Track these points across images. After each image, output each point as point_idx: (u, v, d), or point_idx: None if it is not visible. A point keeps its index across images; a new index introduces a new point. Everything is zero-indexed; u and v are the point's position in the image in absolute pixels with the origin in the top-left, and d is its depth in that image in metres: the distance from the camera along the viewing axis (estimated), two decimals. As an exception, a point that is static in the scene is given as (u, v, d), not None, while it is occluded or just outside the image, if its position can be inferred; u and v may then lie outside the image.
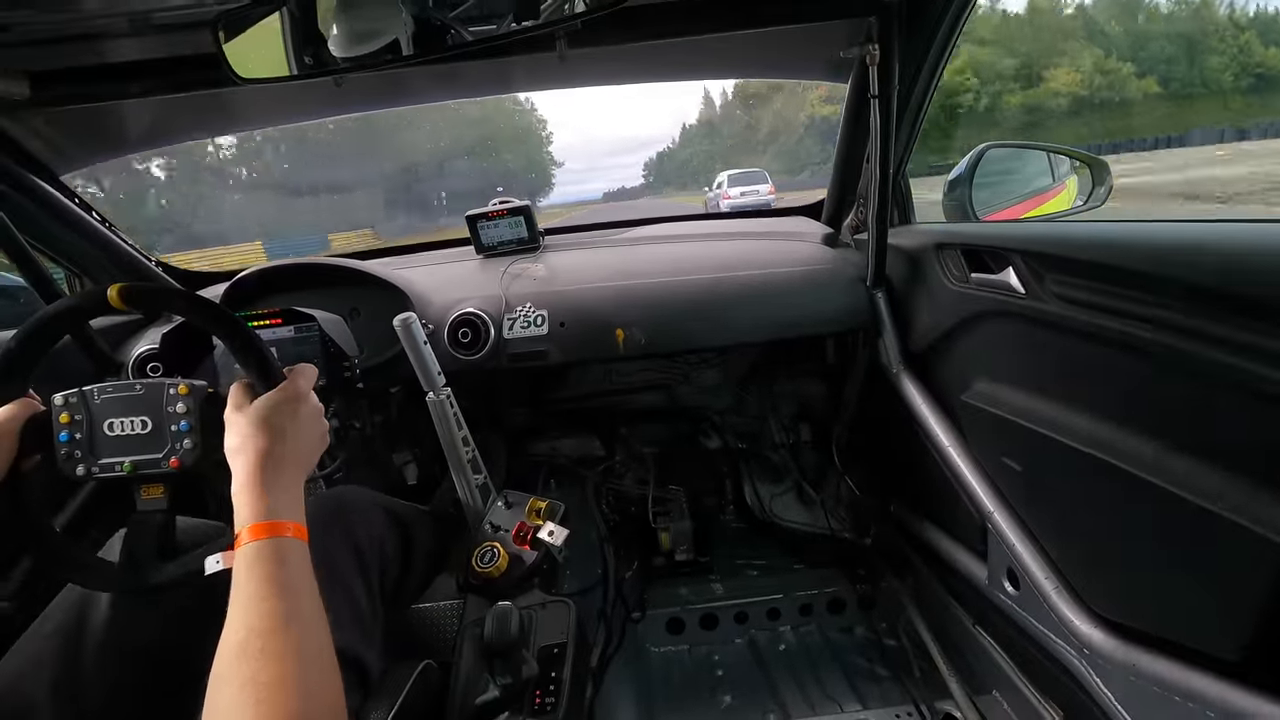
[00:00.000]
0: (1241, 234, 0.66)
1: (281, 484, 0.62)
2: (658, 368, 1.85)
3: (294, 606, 0.54)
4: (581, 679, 1.02)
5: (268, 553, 0.56)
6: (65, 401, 0.72)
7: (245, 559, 0.56)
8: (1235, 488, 0.65)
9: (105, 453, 0.72)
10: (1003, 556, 1.02)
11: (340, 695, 0.53)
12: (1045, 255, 0.88)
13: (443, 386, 1.11)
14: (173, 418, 0.72)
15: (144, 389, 0.73)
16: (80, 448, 0.72)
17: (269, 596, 0.54)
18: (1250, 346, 0.61)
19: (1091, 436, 0.82)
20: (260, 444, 0.63)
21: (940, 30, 1.04)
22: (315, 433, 0.70)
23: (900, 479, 1.41)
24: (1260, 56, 14.57)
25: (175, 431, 0.72)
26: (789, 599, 1.46)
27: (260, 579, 0.54)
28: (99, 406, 0.72)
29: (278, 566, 0.56)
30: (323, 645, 0.54)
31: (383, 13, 0.81)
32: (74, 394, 0.72)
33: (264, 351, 0.70)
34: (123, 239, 1.52)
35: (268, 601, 0.53)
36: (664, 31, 1.06)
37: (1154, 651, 0.76)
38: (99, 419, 0.72)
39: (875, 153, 1.18)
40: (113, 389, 0.73)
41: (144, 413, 0.72)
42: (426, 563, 1.07)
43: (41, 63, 1.04)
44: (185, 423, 0.72)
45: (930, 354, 1.24)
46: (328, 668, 0.54)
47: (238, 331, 0.70)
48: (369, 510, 0.97)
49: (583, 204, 39.48)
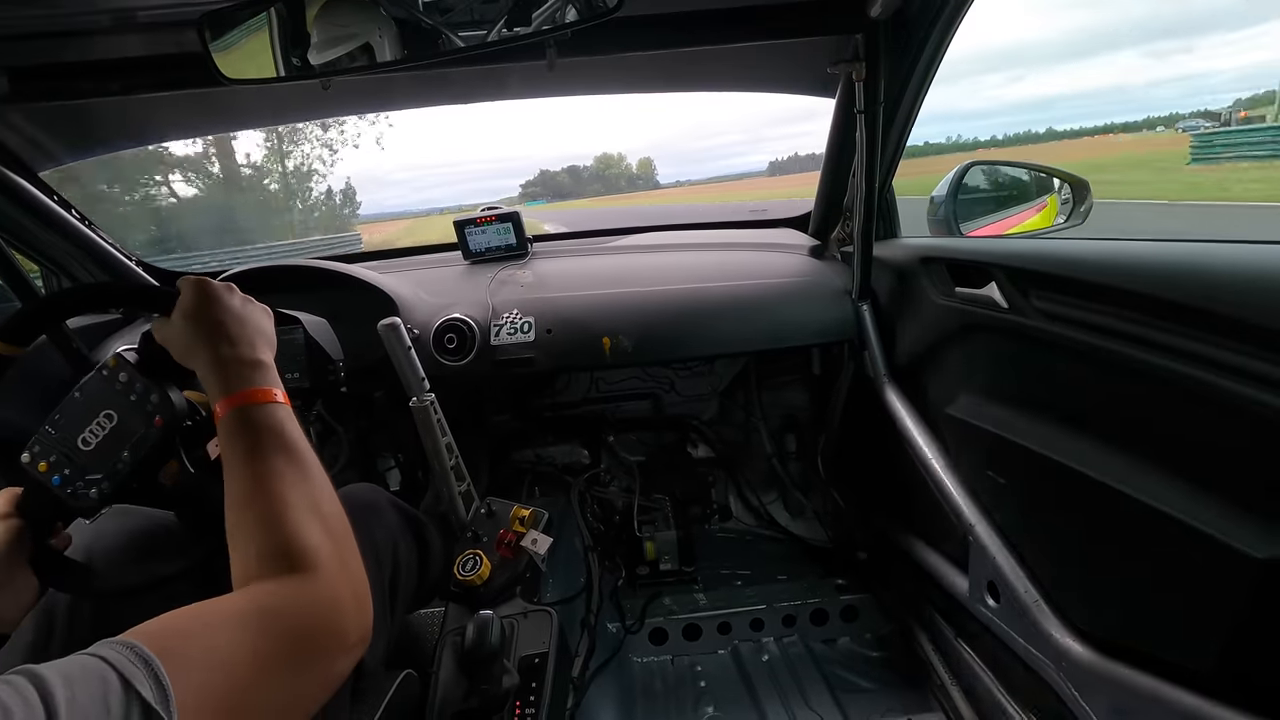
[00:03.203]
0: (1221, 254, 0.68)
1: (241, 359, 0.61)
2: (644, 376, 1.85)
3: (281, 456, 0.55)
4: (563, 689, 1.01)
5: (243, 419, 0.56)
6: (32, 455, 0.69)
7: (224, 431, 0.56)
8: (1207, 502, 0.66)
9: (98, 466, 0.69)
10: (984, 569, 1.02)
11: (347, 527, 0.54)
12: (1028, 271, 0.89)
13: (427, 392, 1.10)
14: (126, 390, 0.69)
15: (81, 393, 0.70)
16: (75, 480, 0.69)
17: (254, 454, 0.54)
18: (1226, 364, 0.62)
19: (1072, 450, 0.83)
20: (199, 335, 0.62)
21: (926, 47, 1.06)
22: (243, 303, 0.67)
23: (884, 490, 1.42)
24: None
25: (136, 400, 0.69)
26: (772, 609, 1.46)
27: (242, 443, 0.55)
28: (62, 433, 0.69)
29: (256, 427, 0.56)
30: (321, 484, 0.55)
31: (370, 17, 0.80)
32: (33, 444, 0.69)
33: (144, 287, 0.67)
34: (102, 237, 1.49)
35: (252, 458, 0.54)
36: (653, 43, 1.07)
37: (1131, 665, 0.77)
38: (70, 443, 0.69)
39: (861, 167, 1.20)
40: (59, 413, 0.70)
41: (101, 408, 0.69)
42: (439, 567, 1.05)
43: (20, 58, 1.02)
44: (139, 385, 0.69)
45: (915, 367, 1.25)
46: (328, 505, 0.54)
47: (113, 293, 0.67)
48: (385, 510, 0.94)
49: (745, 176, 38.03)
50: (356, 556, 0.53)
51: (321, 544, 0.49)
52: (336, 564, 0.50)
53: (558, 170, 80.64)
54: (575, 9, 0.82)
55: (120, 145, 1.45)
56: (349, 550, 0.52)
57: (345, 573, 0.50)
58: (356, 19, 0.81)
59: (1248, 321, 0.59)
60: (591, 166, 73.44)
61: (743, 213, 2.10)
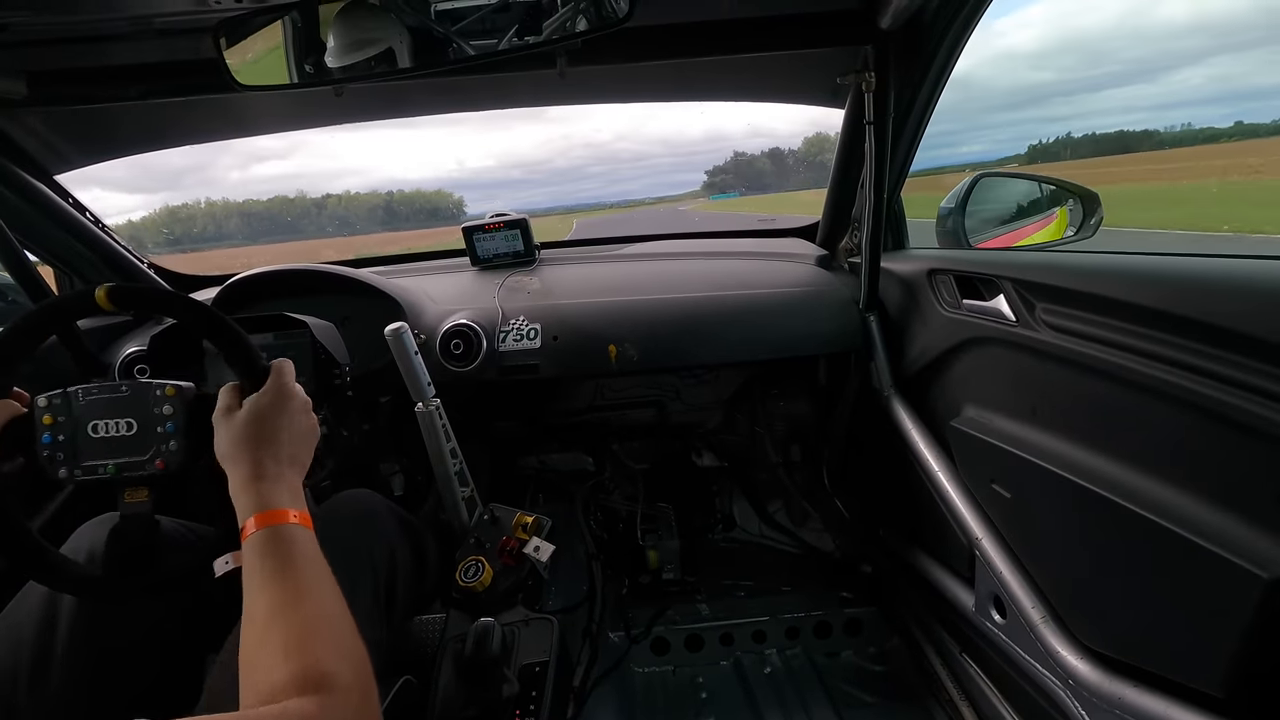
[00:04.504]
0: (1233, 270, 0.67)
1: (282, 481, 0.62)
2: (649, 384, 1.84)
3: (310, 579, 0.56)
4: (563, 698, 1.00)
5: (276, 538, 0.58)
6: (49, 403, 0.71)
7: (254, 547, 0.57)
8: (1219, 520, 0.65)
9: (89, 455, 0.71)
10: (990, 584, 1.01)
11: (364, 652, 0.55)
12: (1036, 284, 0.89)
13: (432, 398, 1.10)
14: (159, 419, 0.71)
15: (129, 390, 0.71)
16: (63, 450, 0.71)
17: (285, 574, 0.55)
18: (1237, 381, 0.61)
19: (1080, 465, 0.82)
20: (254, 446, 0.63)
21: (936, 59, 1.06)
22: (306, 427, 0.69)
23: (889, 503, 1.41)
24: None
25: (161, 433, 0.71)
26: (775, 621, 1.45)
27: (273, 562, 0.56)
28: (83, 408, 0.71)
29: (289, 547, 0.57)
30: (343, 611, 0.56)
31: (383, 25, 0.81)
32: (57, 395, 0.71)
33: (250, 349, 0.69)
34: (115, 239, 1.51)
35: (283, 578, 0.55)
36: (662, 53, 1.08)
37: (1140, 685, 0.76)
38: (83, 421, 0.71)
39: (870, 178, 1.20)
40: (97, 390, 0.71)
41: (129, 414, 0.71)
42: (436, 574, 1.05)
43: (39, 63, 1.04)
44: (172, 424, 0.71)
45: (921, 378, 1.24)
46: (349, 631, 0.56)
47: (224, 330, 0.69)
48: (384, 516, 0.95)
49: (960, 167, 30.08)
50: (370, 673, 0.55)
51: (344, 667, 0.52)
52: (356, 685, 0.52)
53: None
54: (586, 19, 0.82)
55: (135, 150, 1.47)
56: (365, 670, 0.54)
57: (362, 692, 0.53)
58: (372, 27, 0.82)
59: (1260, 338, 0.59)
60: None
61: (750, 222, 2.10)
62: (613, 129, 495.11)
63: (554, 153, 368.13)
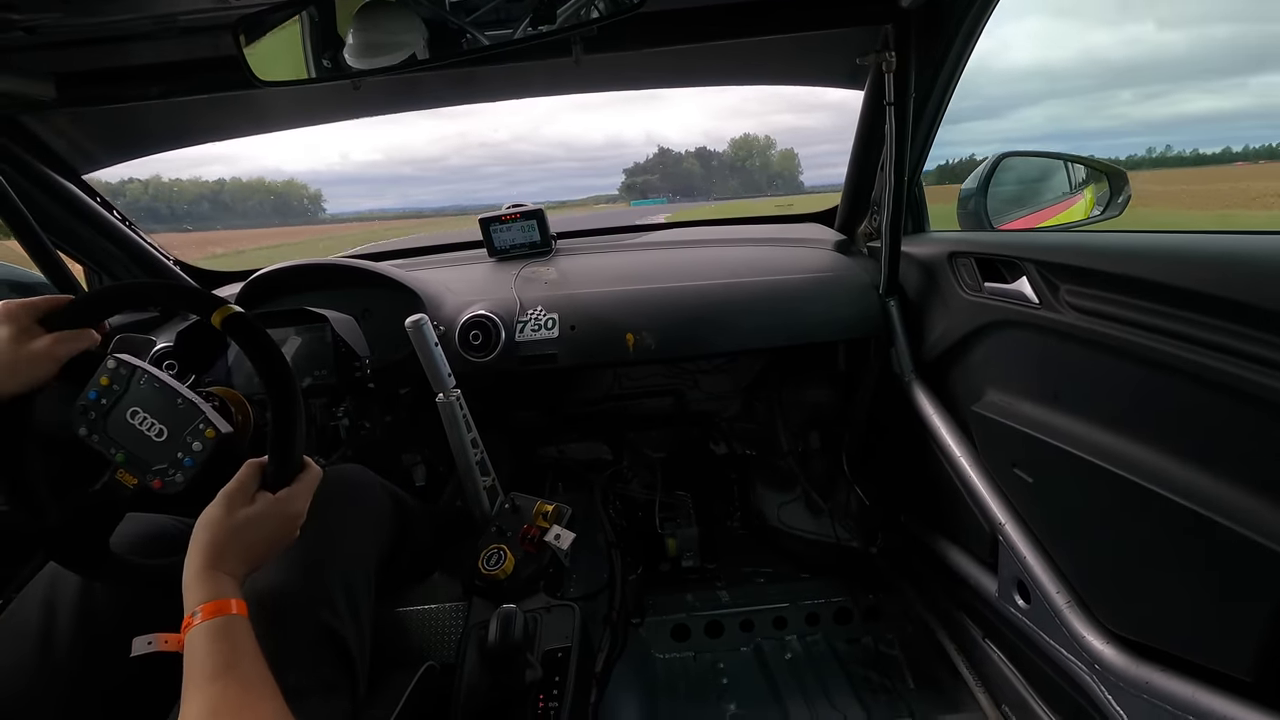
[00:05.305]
0: (1263, 246, 0.65)
1: (238, 577, 0.63)
2: (667, 373, 1.84)
3: (245, 680, 0.57)
4: (585, 684, 1.01)
5: (222, 631, 0.59)
6: (116, 365, 0.71)
7: (201, 636, 0.58)
8: (1248, 504, 0.64)
9: (111, 429, 0.71)
10: (1013, 569, 1.00)
11: None
12: (1060, 265, 0.87)
13: (453, 388, 1.11)
14: (185, 447, 0.70)
15: (184, 404, 0.71)
16: (95, 410, 0.71)
17: (228, 675, 0.56)
18: (1267, 360, 0.60)
19: (1104, 449, 0.81)
20: (238, 546, 0.64)
21: (957, 37, 1.04)
22: (286, 538, 0.69)
23: (910, 488, 1.40)
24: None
25: (178, 459, 0.70)
26: (795, 608, 1.45)
27: (215, 660, 0.57)
28: (138, 391, 0.71)
29: (232, 644, 0.58)
30: (279, 708, 0.57)
31: (400, 18, 0.81)
32: (126, 366, 0.72)
33: (297, 442, 0.68)
34: (142, 238, 1.54)
35: (226, 679, 0.56)
36: (678, 37, 1.07)
37: (1167, 669, 0.75)
38: (128, 401, 0.71)
39: (890, 160, 1.18)
40: (160, 384, 0.72)
41: (168, 423, 0.71)
42: (415, 559, 1.06)
43: (67, 65, 1.06)
44: (191, 460, 0.70)
45: (942, 363, 1.23)
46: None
47: (292, 410, 0.68)
48: (370, 488, 0.97)
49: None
50: None
51: None
52: None
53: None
54: (600, 5, 0.82)
55: (159, 148, 1.50)
56: None
57: None
58: (388, 20, 0.82)
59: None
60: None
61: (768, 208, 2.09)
62: (511, 129, 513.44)
63: (449, 150, 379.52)
